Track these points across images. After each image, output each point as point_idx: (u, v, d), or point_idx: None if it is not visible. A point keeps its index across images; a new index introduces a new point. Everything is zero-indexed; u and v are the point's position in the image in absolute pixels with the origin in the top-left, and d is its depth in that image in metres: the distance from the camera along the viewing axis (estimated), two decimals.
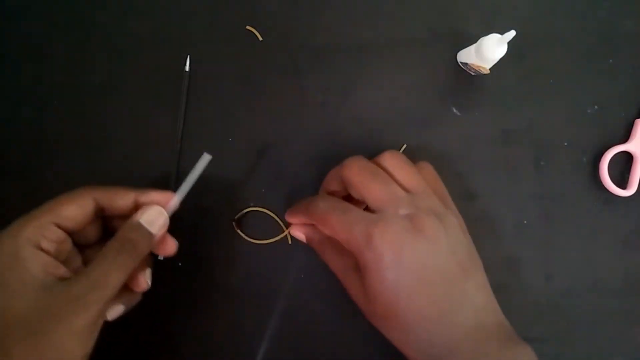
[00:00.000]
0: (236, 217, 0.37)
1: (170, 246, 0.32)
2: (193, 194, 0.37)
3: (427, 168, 0.34)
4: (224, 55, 0.38)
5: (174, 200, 0.31)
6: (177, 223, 0.37)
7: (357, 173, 0.31)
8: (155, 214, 0.30)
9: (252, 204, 0.38)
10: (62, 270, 0.27)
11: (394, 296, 0.28)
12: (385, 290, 0.28)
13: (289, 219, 0.35)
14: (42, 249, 0.27)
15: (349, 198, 0.34)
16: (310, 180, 0.38)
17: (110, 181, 0.37)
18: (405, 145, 0.39)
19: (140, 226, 0.30)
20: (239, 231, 0.37)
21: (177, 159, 0.38)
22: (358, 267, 0.30)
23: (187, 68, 0.38)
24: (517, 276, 0.38)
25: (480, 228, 0.39)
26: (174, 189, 0.35)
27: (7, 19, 0.38)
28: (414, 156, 0.39)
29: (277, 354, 0.37)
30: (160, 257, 0.37)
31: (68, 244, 0.29)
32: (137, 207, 0.31)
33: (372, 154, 0.36)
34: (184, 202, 0.32)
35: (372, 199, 0.30)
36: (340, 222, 0.30)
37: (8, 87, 0.38)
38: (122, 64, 0.38)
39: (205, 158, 0.32)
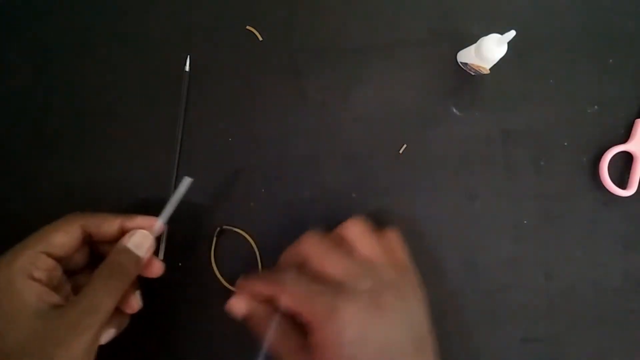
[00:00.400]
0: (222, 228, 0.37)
1: (157, 268, 0.33)
2: (191, 196, 0.37)
3: (392, 236, 0.34)
4: (224, 55, 0.38)
5: (158, 223, 0.32)
6: (177, 223, 0.37)
7: (315, 247, 0.31)
8: (142, 237, 0.31)
9: (252, 204, 0.38)
10: (55, 298, 0.28)
11: None
12: None
13: (243, 287, 0.33)
14: (34, 279, 0.28)
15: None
16: (310, 180, 0.38)
17: (111, 181, 0.37)
18: (405, 145, 0.39)
19: (128, 250, 0.31)
20: (213, 265, 0.37)
21: (177, 159, 0.38)
22: (306, 348, 0.29)
23: (187, 68, 0.38)
24: (517, 276, 0.38)
25: (480, 228, 0.39)
26: (174, 189, 0.35)
27: (7, 19, 0.38)
28: (414, 156, 0.39)
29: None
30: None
31: (58, 271, 0.30)
32: (123, 232, 0.32)
33: (372, 153, 0.36)
34: (183, 204, 0.32)
35: (331, 272, 0.30)
36: (304, 293, 0.29)
37: (8, 87, 0.38)
38: (122, 64, 0.38)
39: (186, 181, 0.33)
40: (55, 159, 0.37)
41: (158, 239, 0.37)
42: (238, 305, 0.32)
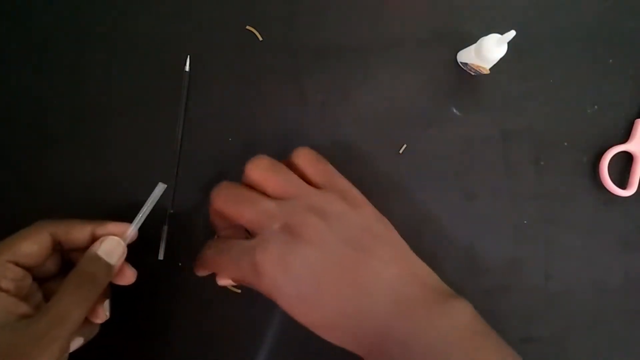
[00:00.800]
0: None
1: (129, 276, 0.32)
2: (191, 196, 0.37)
3: (300, 155, 0.32)
4: (224, 55, 0.38)
5: (131, 229, 0.32)
6: (177, 223, 0.37)
7: (224, 204, 0.30)
8: (114, 244, 0.30)
9: None
10: (23, 308, 0.27)
11: (306, 308, 0.28)
12: (297, 308, 0.28)
13: (200, 274, 0.33)
14: (1, 289, 0.27)
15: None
16: None
17: (110, 181, 0.37)
18: (405, 145, 0.39)
19: (98, 258, 0.30)
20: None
21: (177, 159, 0.38)
22: None
23: (187, 68, 0.38)
24: (517, 276, 0.38)
25: (480, 228, 0.39)
26: (174, 189, 0.35)
27: (7, 19, 0.38)
28: (414, 156, 0.39)
29: (277, 354, 0.37)
30: (161, 257, 0.37)
31: (27, 280, 0.29)
32: (94, 239, 0.31)
33: (372, 153, 0.36)
34: (183, 203, 0.32)
35: (248, 224, 0.29)
36: (228, 263, 0.29)
37: (8, 87, 0.38)
38: (122, 64, 0.38)
39: (160, 187, 0.33)
40: (55, 159, 0.37)
41: (157, 240, 0.37)
42: (221, 283, 0.32)
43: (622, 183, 0.39)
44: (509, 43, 0.34)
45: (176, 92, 0.38)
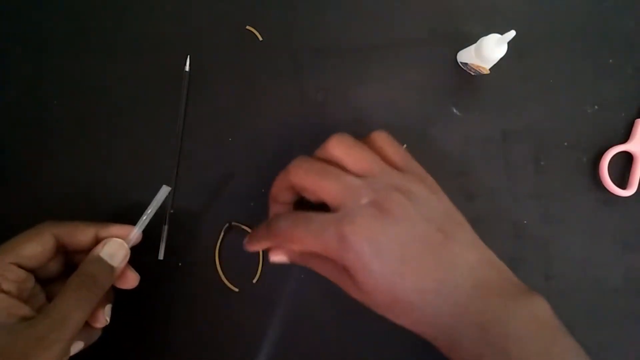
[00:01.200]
0: (232, 224, 0.37)
1: (131, 279, 0.32)
2: (191, 196, 0.37)
3: (379, 138, 0.32)
4: (224, 55, 0.38)
5: (134, 232, 0.31)
6: (177, 223, 0.37)
7: (305, 176, 0.29)
8: (116, 246, 0.30)
9: (252, 204, 0.38)
10: (24, 310, 0.27)
11: (388, 284, 0.27)
12: (377, 282, 0.27)
13: (252, 248, 0.33)
14: (3, 291, 0.27)
15: (301, 203, 0.33)
16: None
17: (110, 181, 0.37)
18: (405, 145, 0.39)
19: (100, 260, 0.29)
20: (219, 268, 0.37)
21: (177, 159, 0.38)
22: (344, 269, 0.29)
23: (187, 68, 0.38)
24: (517, 276, 0.38)
25: (480, 228, 0.38)
26: (174, 189, 0.35)
27: (7, 18, 0.38)
28: (414, 156, 0.39)
29: (277, 354, 0.37)
30: (160, 257, 0.37)
31: (30, 282, 0.29)
32: (97, 241, 0.30)
33: None
34: (183, 203, 0.32)
35: (330, 198, 0.29)
36: (308, 235, 0.28)
37: (8, 86, 0.38)
38: (122, 64, 0.38)
39: (164, 190, 0.33)
40: (55, 159, 0.37)
41: (157, 240, 0.37)
42: (274, 258, 0.32)
43: (622, 183, 0.39)
44: (509, 43, 0.34)
45: (176, 92, 0.38)
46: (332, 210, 0.29)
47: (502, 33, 0.33)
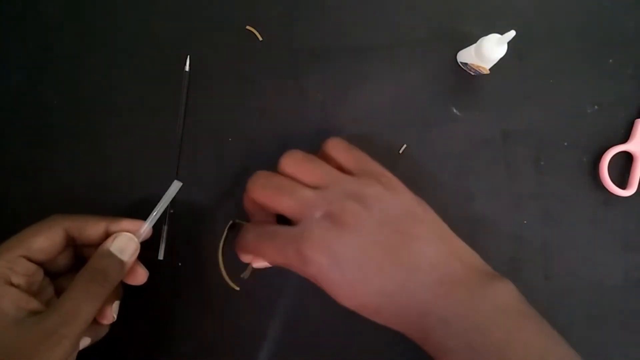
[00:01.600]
0: (235, 221, 0.37)
1: (141, 275, 0.32)
2: (191, 196, 0.37)
3: (331, 145, 0.33)
4: (224, 55, 0.38)
5: (145, 227, 0.31)
6: (177, 223, 0.37)
7: (262, 193, 0.30)
8: (126, 241, 0.30)
9: None
10: (33, 304, 0.27)
11: (351, 291, 0.28)
12: (341, 290, 0.28)
13: (245, 260, 0.34)
14: (12, 284, 0.26)
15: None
16: None
17: (110, 181, 0.37)
18: (405, 145, 0.39)
19: (110, 254, 0.29)
20: (221, 265, 0.37)
21: (177, 159, 0.38)
22: None
23: (187, 68, 0.38)
24: (517, 276, 0.38)
25: (480, 228, 0.39)
26: (174, 188, 0.35)
27: (7, 19, 0.38)
28: (414, 156, 0.39)
29: (277, 354, 0.37)
30: (160, 257, 0.37)
31: (39, 276, 0.29)
32: (108, 235, 0.30)
33: (372, 153, 0.36)
34: (183, 203, 0.32)
35: (288, 212, 0.29)
36: (272, 250, 0.29)
37: (8, 87, 0.38)
38: (122, 64, 0.38)
39: (175, 185, 0.33)
40: (55, 159, 0.38)
41: (157, 240, 0.37)
42: (258, 265, 0.33)
43: (622, 183, 0.39)
44: (509, 43, 0.34)
45: (176, 92, 0.38)
46: (293, 223, 0.30)
47: (502, 33, 0.33)
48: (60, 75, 0.38)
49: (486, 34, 0.35)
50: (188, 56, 0.38)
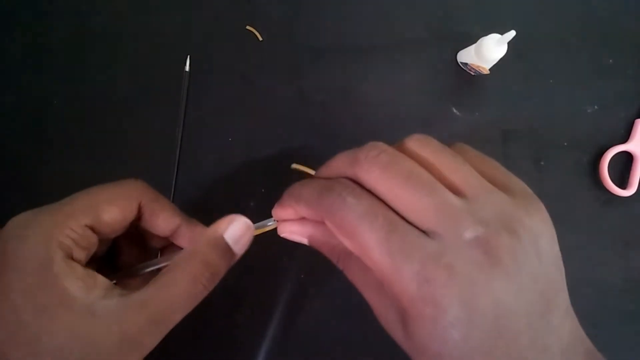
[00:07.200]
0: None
1: None
2: (192, 196, 0.37)
3: (467, 151, 0.22)
4: (224, 55, 0.38)
5: (252, 225, 0.24)
6: None
7: (382, 175, 0.19)
8: (243, 229, 0.24)
9: (252, 204, 0.38)
10: (98, 291, 0.21)
11: (460, 355, 0.18)
12: (447, 350, 0.18)
13: (281, 212, 0.24)
14: (74, 259, 0.21)
15: None
16: None
17: (110, 181, 0.37)
18: None
19: (224, 244, 0.23)
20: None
21: (177, 159, 0.37)
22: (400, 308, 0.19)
23: (187, 68, 0.38)
24: None
25: None
26: (174, 189, 0.35)
27: (7, 19, 0.38)
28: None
29: (277, 354, 0.37)
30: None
31: (93, 251, 0.23)
32: (174, 235, 0.25)
33: None
34: (183, 203, 0.32)
35: (417, 217, 0.19)
36: (381, 247, 0.18)
37: (8, 87, 0.38)
38: (122, 64, 0.38)
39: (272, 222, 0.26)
40: (55, 159, 0.37)
41: None
42: (292, 236, 0.24)
43: (622, 183, 0.39)
44: (509, 43, 0.34)
45: (176, 92, 0.38)
46: (421, 233, 0.19)
47: (502, 33, 0.33)
48: (61, 75, 0.38)
49: (486, 34, 0.35)
50: (188, 56, 0.38)
